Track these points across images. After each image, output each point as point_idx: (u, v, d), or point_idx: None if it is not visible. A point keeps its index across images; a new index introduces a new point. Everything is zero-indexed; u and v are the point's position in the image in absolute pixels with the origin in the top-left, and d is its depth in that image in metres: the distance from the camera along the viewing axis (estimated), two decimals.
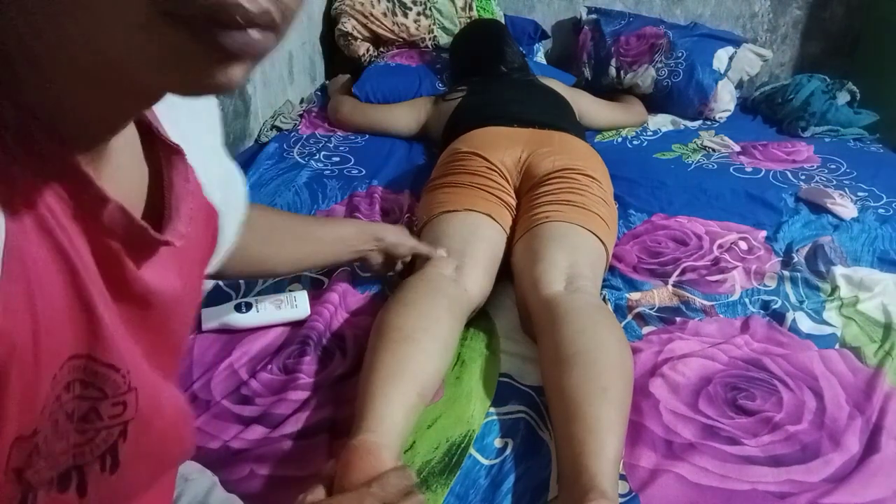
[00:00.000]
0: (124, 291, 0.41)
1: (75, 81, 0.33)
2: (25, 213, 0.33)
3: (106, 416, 0.41)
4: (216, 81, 0.31)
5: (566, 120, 1.65)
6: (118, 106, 0.37)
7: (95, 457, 0.41)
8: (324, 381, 1.00)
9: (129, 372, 0.41)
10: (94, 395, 0.40)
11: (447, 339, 1.00)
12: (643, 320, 1.17)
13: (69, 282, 0.36)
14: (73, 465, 0.40)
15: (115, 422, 0.41)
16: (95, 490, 0.42)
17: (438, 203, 1.31)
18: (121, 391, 0.41)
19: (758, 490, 0.84)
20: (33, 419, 0.36)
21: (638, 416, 0.94)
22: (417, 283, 1.09)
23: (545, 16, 2.55)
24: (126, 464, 0.43)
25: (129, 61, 0.30)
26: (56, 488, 0.39)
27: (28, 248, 0.33)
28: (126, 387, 0.41)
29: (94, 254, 0.38)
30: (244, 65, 0.32)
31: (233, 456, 0.86)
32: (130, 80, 0.32)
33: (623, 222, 1.49)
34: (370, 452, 0.78)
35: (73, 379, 0.38)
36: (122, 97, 0.36)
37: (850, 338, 1.13)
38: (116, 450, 0.42)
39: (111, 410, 0.41)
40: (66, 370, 0.37)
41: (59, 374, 0.37)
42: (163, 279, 0.44)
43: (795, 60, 2.54)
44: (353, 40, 2.29)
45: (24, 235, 0.33)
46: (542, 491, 0.84)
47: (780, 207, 1.57)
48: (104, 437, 0.41)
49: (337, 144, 1.90)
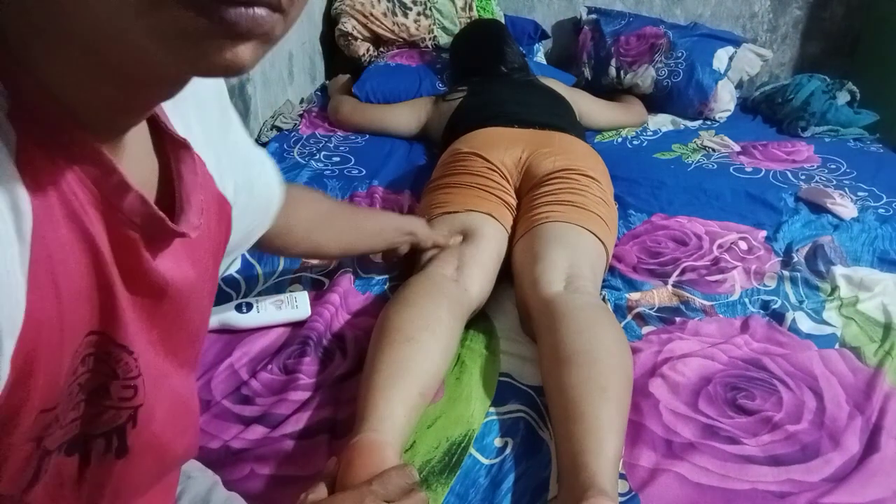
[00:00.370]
0: (139, 281, 0.42)
1: (92, 66, 0.34)
2: (53, 197, 0.35)
3: (116, 397, 0.42)
4: (223, 60, 0.32)
5: (566, 120, 1.65)
6: (136, 93, 0.37)
7: (101, 433, 0.42)
8: (324, 381, 1.00)
9: (139, 357, 0.42)
10: (106, 373, 0.41)
11: (448, 339, 1.00)
12: (643, 320, 1.17)
13: (91, 262, 0.37)
14: (80, 433, 0.41)
15: (124, 404, 0.43)
16: (99, 467, 0.43)
17: (439, 203, 1.31)
18: (131, 374, 0.42)
19: (758, 490, 0.84)
20: (57, 394, 0.37)
21: (638, 415, 0.94)
22: (419, 282, 1.09)
23: (545, 16, 2.55)
24: (134, 452, 0.44)
25: (138, 41, 0.31)
26: (63, 452, 0.41)
27: (55, 231, 0.35)
28: (137, 371, 0.42)
29: (112, 243, 0.39)
30: (252, 45, 0.33)
31: (233, 456, 0.86)
32: (142, 63, 0.33)
33: (623, 222, 1.49)
34: (372, 451, 0.78)
35: (88, 353, 0.39)
36: (138, 83, 0.36)
37: (850, 338, 1.13)
38: (124, 433, 0.43)
39: (121, 392, 0.42)
40: (84, 345, 0.39)
41: (79, 349, 0.38)
42: (177, 270, 0.45)
43: (795, 60, 2.54)
44: (353, 40, 2.29)
45: (51, 219, 0.34)
46: (542, 490, 0.84)
47: (780, 207, 1.57)
48: (112, 416, 0.43)
49: (337, 144, 1.90)
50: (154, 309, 0.44)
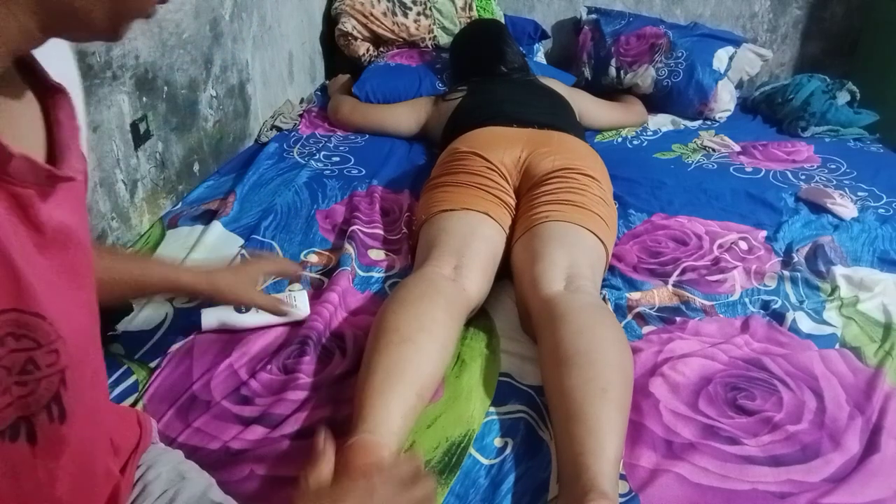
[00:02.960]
0: (38, 236, 0.43)
1: None
2: None
3: (43, 366, 0.42)
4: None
5: (566, 120, 1.65)
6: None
7: (42, 407, 0.43)
8: (323, 380, 1.00)
9: (56, 321, 0.43)
10: (28, 346, 0.41)
11: (446, 339, 1.00)
12: (643, 320, 1.17)
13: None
14: (20, 416, 0.42)
15: (52, 370, 0.43)
16: (46, 439, 0.44)
17: (437, 202, 1.31)
18: (51, 338, 0.43)
19: (758, 490, 0.84)
20: None
21: (638, 415, 0.94)
22: (415, 282, 1.09)
23: (545, 16, 2.55)
24: (73, 414, 0.45)
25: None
26: (7, 439, 0.41)
27: None
28: (55, 335, 0.43)
29: (4, 203, 0.39)
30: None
31: (233, 457, 0.86)
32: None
33: (623, 222, 1.49)
34: (368, 452, 0.78)
35: (4, 334, 0.39)
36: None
37: (850, 338, 1.13)
38: (61, 399, 0.44)
39: (47, 359, 0.42)
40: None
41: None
42: (64, 216, 0.46)
43: (795, 60, 2.54)
44: (353, 40, 2.29)
45: None
46: (542, 491, 0.84)
47: (780, 207, 1.57)
48: (46, 387, 0.43)
49: (337, 144, 1.90)
50: (54, 262, 0.45)
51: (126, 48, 1.29)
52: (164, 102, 1.45)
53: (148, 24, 1.33)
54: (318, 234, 1.43)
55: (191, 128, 1.58)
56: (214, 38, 1.65)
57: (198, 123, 1.62)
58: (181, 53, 1.50)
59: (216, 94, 1.68)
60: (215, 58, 1.66)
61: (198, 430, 0.90)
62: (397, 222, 1.48)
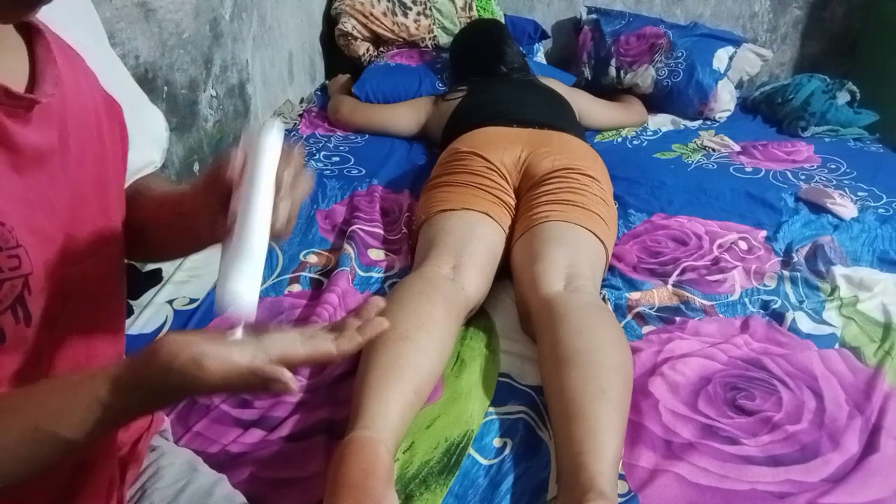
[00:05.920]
0: (17, 152, 0.47)
1: None
2: None
3: (6, 268, 0.46)
4: None
5: (566, 120, 1.65)
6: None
7: (6, 308, 0.46)
8: (321, 382, 1.00)
9: (14, 228, 0.46)
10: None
11: (444, 337, 1.00)
12: (643, 320, 1.17)
13: None
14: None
15: (14, 274, 0.47)
16: (17, 341, 0.48)
17: (437, 202, 1.31)
18: (10, 245, 0.46)
19: (757, 490, 0.84)
20: None
21: (637, 415, 0.94)
22: (414, 281, 1.09)
23: (545, 16, 2.55)
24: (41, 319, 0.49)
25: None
26: None
27: None
28: (14, 241, 0.46)
29: None
30: None
31: (232, 460, 0.86)
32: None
33: (623, 222, 1.49)
34: (365, 447, 0.78)
35: None
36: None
37: (849, 338, 1.13)
38: (25, 302, 0.48)
39: (8, 262, 0.46)
40: None
41: None
42: (40, 137, 0.50)
43: (795, 60, 2.54)
44: (353, 40, 2.29)
45: None
46: (541, 491, 0.84)
47: (780, 207, 1.57)
48: (8, 289, 0.46)
49: (337, 144, 1.90)
50: (29, 180, 0.48)
51: (126, 48, 1.29)
52: (163, 102, 1.45)
53: (148, 24, 1.33)
54: (317, 234, 1.43)
55: (191, 128, 1.58)
56: (214, 38, 1.65)
57: (198, 123, 1.62)
58: (181, 53, 1.50)
59: (216, 94, 1.68)
60: (215, 58, 1.66)
61: (198, 433, 0.90)
62: (397, 222, 1.48)
